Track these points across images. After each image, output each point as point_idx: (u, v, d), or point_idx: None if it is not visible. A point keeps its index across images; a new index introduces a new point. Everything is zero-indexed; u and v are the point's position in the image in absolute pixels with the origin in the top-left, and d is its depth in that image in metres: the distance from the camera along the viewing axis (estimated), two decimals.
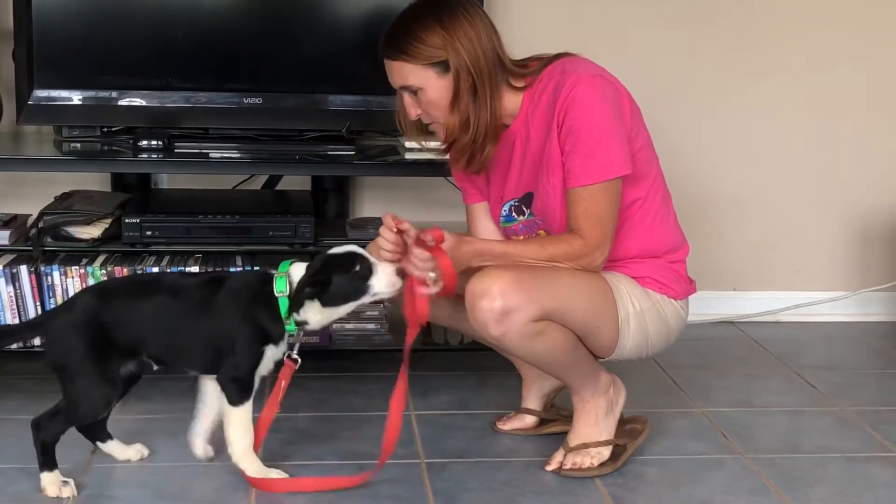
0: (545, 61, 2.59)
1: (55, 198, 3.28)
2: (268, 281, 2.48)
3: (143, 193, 3.46)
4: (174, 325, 2.48)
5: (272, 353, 2.50)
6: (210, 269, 3.05)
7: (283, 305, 2.46)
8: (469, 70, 2.50)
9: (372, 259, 2.47)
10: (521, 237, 2.67)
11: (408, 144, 3.25)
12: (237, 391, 2.47)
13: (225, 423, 2.51)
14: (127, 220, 3.10)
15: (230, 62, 3.28)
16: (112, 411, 2.54)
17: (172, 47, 3.24)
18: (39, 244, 3.08)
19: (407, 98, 2.58)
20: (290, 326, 2.48)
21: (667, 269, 2.63)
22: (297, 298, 2.45)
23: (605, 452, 2.64)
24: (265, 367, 2.51)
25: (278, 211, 3.27)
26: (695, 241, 2.75)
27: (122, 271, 3.05)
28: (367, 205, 3.72)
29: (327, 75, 3.30)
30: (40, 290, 3.05)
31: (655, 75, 3.73)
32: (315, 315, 2.49)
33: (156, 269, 3.05)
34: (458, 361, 3.19)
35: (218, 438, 2.58)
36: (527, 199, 2.63)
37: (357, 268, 2.46)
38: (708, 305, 3.71)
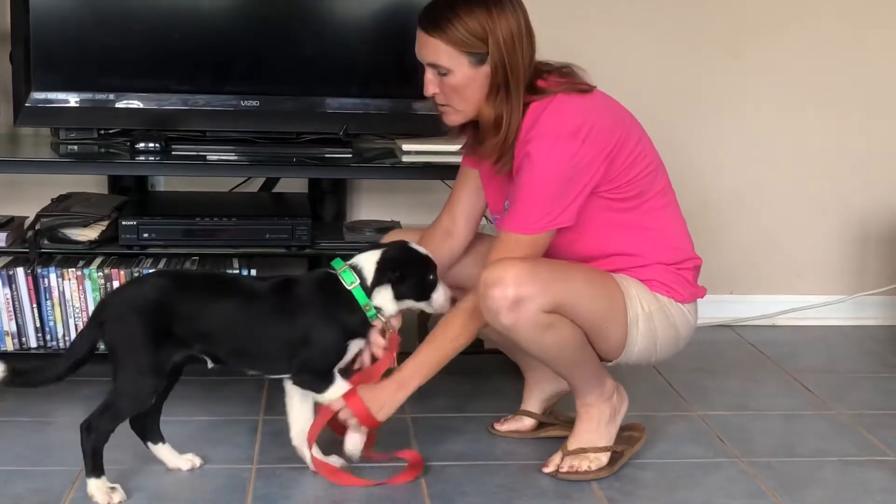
0: (543, 93, 2.50)
1: (52, 200, 3.28)
2: (334, 279, 2.48)
3: (140, 196, 3.46)
4: (250, 328, 2.45)
5: (356, 346, 2.51)
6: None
7: (359, 295, 2.47)
8: (506, 67, 2.47)
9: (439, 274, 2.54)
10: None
11: (405, 147, 3.25)
12: (317, 381, 2.48)
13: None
14: (124, 223, 3.10)
15: (227, 65, 3.28)
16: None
17: (170, 50, 3.24)
18: (36, 246, 3.07)
19: (429, 74, 2.52)
20: (370, 312, 2.48)
21: (673, 273, 2.63)
22: (378, 279, 2.47)
23: (604, 458, 2.63)
24: (345, 361, 2.51)
25: (275, 213, 3.26)
26: None
27: (119, 274, 3.04)
28: (364, 207, 3.72)
29: (324, 78, 3.30)
30: (37, 292, 3.05)
31: (652, 76, 3.73)
32: (385, 300, 2.50)
33: (152, 272, 3.02)
34: (455, 365, 3.18)
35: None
36: None
37: (431, 276, 2.52)
38: (704, 309, 3.64)
